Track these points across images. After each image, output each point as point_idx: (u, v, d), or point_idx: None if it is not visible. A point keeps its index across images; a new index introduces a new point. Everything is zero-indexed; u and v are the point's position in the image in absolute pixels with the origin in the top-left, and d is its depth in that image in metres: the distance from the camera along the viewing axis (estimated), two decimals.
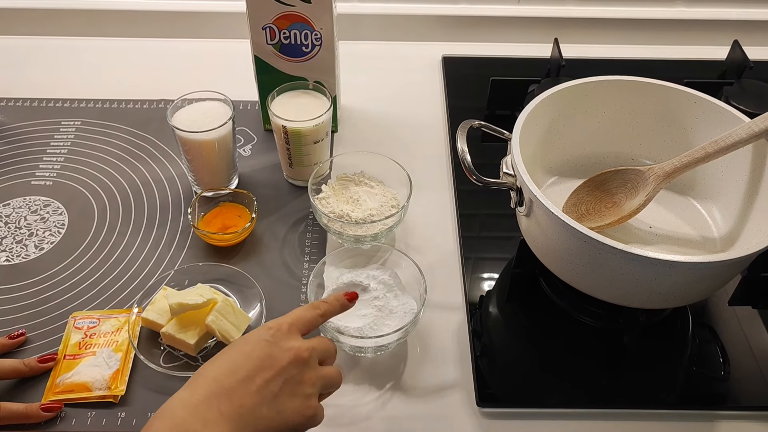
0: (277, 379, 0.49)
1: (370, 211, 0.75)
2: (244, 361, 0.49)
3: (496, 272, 0.77)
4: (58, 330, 0.70)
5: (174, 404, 0.46)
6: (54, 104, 0.95)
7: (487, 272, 0.77)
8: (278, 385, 0.49)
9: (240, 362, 0.49)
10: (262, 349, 0.50)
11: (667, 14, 1.07)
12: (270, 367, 0.49)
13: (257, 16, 0.80)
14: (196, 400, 0.46)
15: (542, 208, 0.61)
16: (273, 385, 0.48)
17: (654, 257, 0.56)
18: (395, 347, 0.68)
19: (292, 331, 0.52)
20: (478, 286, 0.75)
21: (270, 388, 0.48)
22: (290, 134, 0.79)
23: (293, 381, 0.50)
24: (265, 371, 0.49)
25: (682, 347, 0.70)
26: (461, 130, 0.68)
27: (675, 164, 0.69)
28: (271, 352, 0.50)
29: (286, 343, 0.51)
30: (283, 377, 0.49)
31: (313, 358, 0.52)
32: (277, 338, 0.51)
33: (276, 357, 0.50)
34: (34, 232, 0.79)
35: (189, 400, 0.46)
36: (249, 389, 0.48)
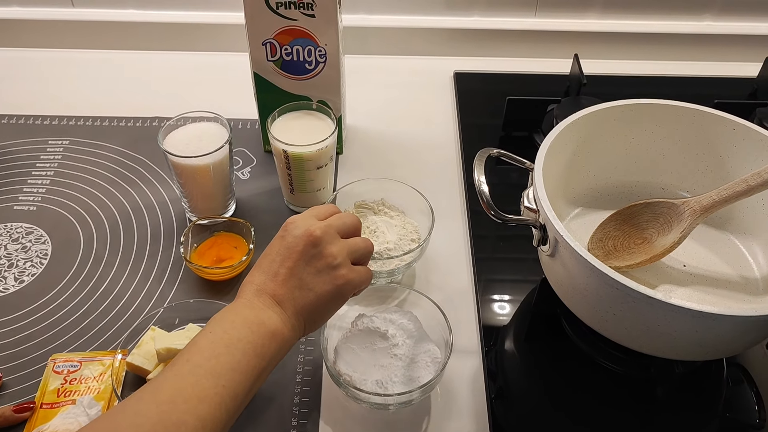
0: (298, 264, 0.53)
1: (387, 245, 0.70)
2: (269, 261, 0.54)
3: (513, 307, 0.71)
4: (36, 374, 0.64)
5: (236, 304, 0.52)
6: (41, 122, 0.90)
7: (504, 308, 0.71)
8: (301, 268, 0.53)
9: (266, 263, 0.54)
10: (279, 245, 0.55)
11: (694, 28, 1.02)
12: (288, 257, 0.54)
13: (257, 30, 0.74)
14: (248, 298, 0.52)
15: (569, 250, 0.55)
16: (296, 270, 0.53)
17: (698, 309, 0.50)
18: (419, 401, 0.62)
19: (304, 218, 0.56)
20: (495, 323, 0.69)
21: (295, 274, 0.53)
22: (292, 159, 0.73)
23: (314, 260, 0.54)
24: (286, 261, 0.54)
25: (716, 392, 0.65)
26: (479, 160, 0.62)
27: (713, 198, 0.63)
28: (287, 243, 0.54)
29: (299, 230, 0.55)
30: (303, 260, 0.54)
31: (329, 234, 0.55)
32: (289, 230, 0.55)
33: (291, 246, 0.54)
34: (14, 263, 0.73)
35: (243, 299, 0.52)
36: (278, 280, 0.53)
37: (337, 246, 0.55)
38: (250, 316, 0.51)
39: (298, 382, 0.64)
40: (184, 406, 0.44)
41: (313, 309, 0.54)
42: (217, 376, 0.47)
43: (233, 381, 0.47)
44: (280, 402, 0.62)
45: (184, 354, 0.48)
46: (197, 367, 0.47)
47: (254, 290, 0.53)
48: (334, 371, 0.60)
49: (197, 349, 0.48)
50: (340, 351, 0.63)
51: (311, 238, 0.54)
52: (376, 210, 0.75)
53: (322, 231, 0.54)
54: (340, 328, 0.65)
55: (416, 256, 0.70)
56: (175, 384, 0.46)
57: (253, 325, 0.50)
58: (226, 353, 0.48)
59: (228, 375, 0.47)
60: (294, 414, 0.61)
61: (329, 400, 0.63)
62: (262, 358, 0.49)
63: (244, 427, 0.60)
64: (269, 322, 0.51)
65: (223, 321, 0.50)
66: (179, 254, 0.74)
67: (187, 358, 0.48)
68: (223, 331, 0.49)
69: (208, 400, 0.45)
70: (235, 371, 0.48)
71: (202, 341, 0.49)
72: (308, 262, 0.54)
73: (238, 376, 0.48)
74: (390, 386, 0.59)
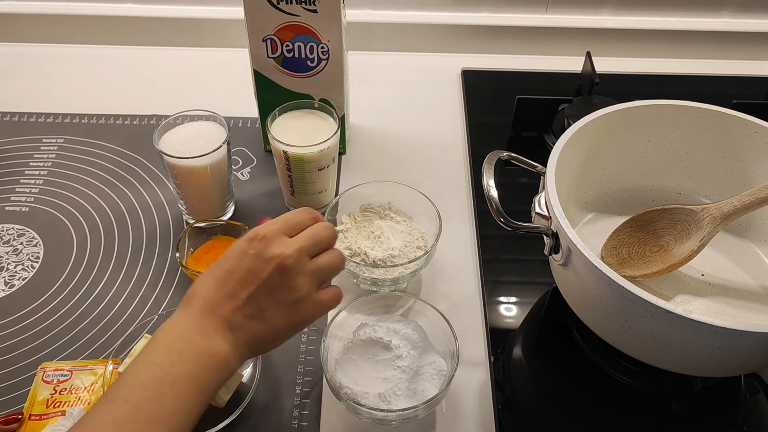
0: (260, 290, 0.48)
1: (392, 251, 0.67)
2: (227, 278, 0.49)
3: (522, 316, 0.68)
4: (25, 383, 0.62)
5: (174, 320, 0.47)
6: (35, 119, 0.87)
7: (513, 316, 0.68)
8: (262, 297, 0.48)
9: (224, 279, 0.49)
10: (243, 264, 0.49)
11: (711, 25, 0.99)
12: (251, 281, 0.48)
13: (257, 26, 0.72)
14: (192, 314, 0.47)
15: (583, 260, 0.52)
16: (257, 298, 0.48)
17: (721, 326, 0.47)
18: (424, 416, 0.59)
19: (276, 237, 0.50)
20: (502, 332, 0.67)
21: (254, 301, 0.48)
22: (292, 160, 0.70)
23: (278, 290, 0.49)
24: (247, 285, 0.48)
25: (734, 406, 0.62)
26: (488, 164, 0.59)
27: (735, 205, 0.60)
28: (252, 265, 0.49)
29: (268, 252, 0.49)
30: (266, 288, 0.48)
31: (300, 263, 0.50)
32: (259, 249, 0.49)
33: (255, 270, 0.48)
34: (5, 266, 0.71)
35: (186, 314, 0.48)
36: (235, 305, 0.48)
37: (305, 277, 0.50)
38: (201, 345, 0.46)
39: (297, 393, 0.61)
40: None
41: (265, 341, 0.50)
42: (159, 422, 0.42)
43: (176, 424, 0.43)
44: (279, 416, 0.60)
45: (122, 389, 0.43)
46: (137, 412, 0.42)
47: (206, 308, 0.47)
48: (335, 383, 0.57)
49: (139, 386, 0.43)
50: (341, 362, 0.60)
51: (280, 267, 0.49)
52: (382, 214, 0.72)
53: (293, 260, 0.49)
54: (341, 338, 0.62)
55: (422, 263, 0.67)
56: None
57: (203, 358, 0.45)
58: (170, 393, 0.43)
59: (169, 419, 0.43)
60: (293, 427, 0.59)
61: (329, 414, 0.60)
62: (206, 395, 0.45)
63: None
64: (220, 353, 0.46)
65: (171, 351, 0.45)
66: (175, 259, 0.71)
67: (125, 397, 0.42)
68: (171, 364, 0.44)
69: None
70: (178, 414, 0.43)
71: (143, 375, 0.44)
72: (271, 291, 0.49)
73: (179, 420, 0.43)
74: (393, 400, 0.57)
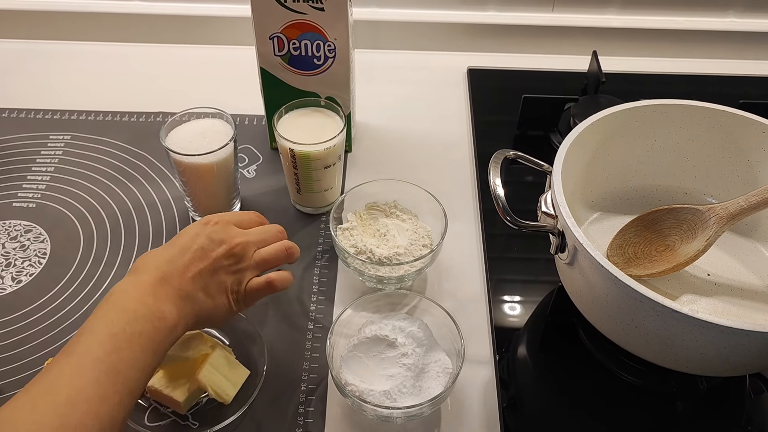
0: (208, 268, 0.54)
1: (398, 250, 0.67)
2: (182, 253, 0.54)
3: (527, 314, 0.68)
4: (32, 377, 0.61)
5: (124, 285, 0.51)
6: (42, 116, 0.88)
7: (518, 315, 0.68)
8: (209, 274, 0.54)
9: (178, 254, 0.54)
10: (196, 243, 0.55)
11: (718, 25, 0.99)
12: (202, 258, 0.54)
13: (264, 24, 0.72)
14: (144, 281, 0.51)
15: (589, 259, 0.52)
16: (205, 274, 0.54)
17: (727, 325, 0.47)
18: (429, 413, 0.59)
19: (227, 225, 0.57)
20: (507, 331, 0.66)
21: (203, 277, 0.54)
22: (298, 158, 0.70)
23: (223, 272, 0.55)
24: (198, 261, 0.54)
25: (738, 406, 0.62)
26: (494, 162, 0.59)
27: (741, 205, 0.60)
28: (204, 245, 0.55)
29: (218, 235, 0.56)
30: (213, 267, 0.54)
31: (248, 248, 0.57)
32: (211, 232, 0.56)
33: (207, 249, 0.55)
34: (12, 262, 0.71)
35: (137, 282, 0.51)
36: (185, 277, 0.53)
37: (248, 263, 0.57)
38: (154, 308, 0.50)
39: (303, 390, 0.61)
40: (84, 407, 0.43)
41: (206, 316, 0.54)
42: (117, 374, 0.46)
43: (131, 379, 0.46)
44: (284, 412, 0.60)
45: (80, 344, 0.46)
46: (98, 362, 0.45)
47: (159, 277, 0.52)
48: (340, 380, 0.58)
49: (97, 340, 0.46)
50: (347, 359, 0.60)
51: (230, 250, 0.55)
52: (387, 213, 0.72)
53: (240, 248, 0.56)
54: (347, 336, 0.62)
55: (427, 262, 0.67)
56: (74, 382, 0.44)
57: (155, 319, 0.49)
58: (127, 348, 0.47)
59: (127, 372, 0.46)
60: (298, 424, 0.59)
61: (334, 410, 0.61)
62: (157, 355, 0.49)
63: None
64: (169, 317, 0.51)
65: (125, 310, 0.49)
66: None
67: (85, 350, 0.46)
68: (126, 323, 0.48)
69: (108, 400, 0.44)
70: (134, 368, 0.47)
71: (101, 331, 0.47)
72: (217, 271, 0.55)
73: (136, 374, 0.47)
74: (398, 398, 0.57)
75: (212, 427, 0.58)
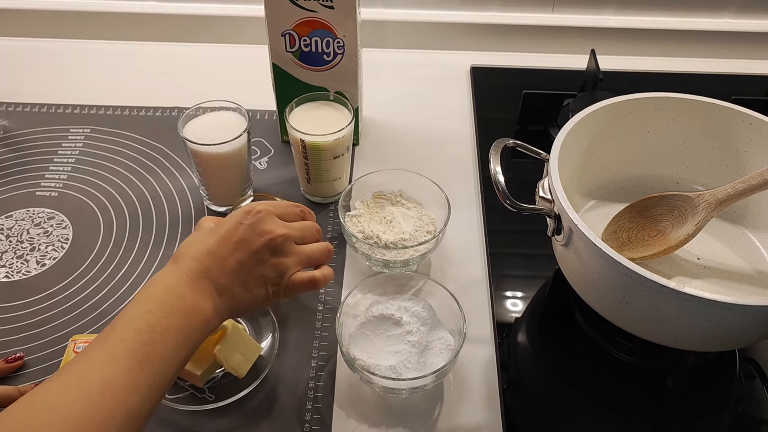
0: (249, 260, 0.54)
1: (403, 235, 0.70)
2: (222, 243, 0.53)
3: (526, 299, 0.71)
4: (57, 354, 0.65)
5: (164, 276, 0.51)
6: (63, 110, 0.91)
7: (517, 299, 0.71)
8: (249, 267, 0.54)
9: (219, 244, 0.53)
10: (237, 233, 0.54)
11: (711, 25, 1.01)
12: (242, 249, 0.53)
13: (276, 21, 0.75)
14: (184, 273, 0.51)
15: (584, 239, 0.55)
16: (245, 267, 0.53)
17: (710, 298, 0.50)
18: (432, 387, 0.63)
19: (269, 215, 0.56)
20: (507, 315, 0.70)
21: (243, 269, 0.53)
22: (309, 148, 0.74)
23: (263, 264, 0.54)
24: (237, 252, 0.53)
25: (729, 386, 0.65)
26: (494, 150, 0.63)
27: (728, 191, 0.63)
28: (245, 235, 0.54)
29: (261, 226, 0.55)
30: (254, 259, 0.54)
31: (288, 243, 0.56)
32: (253, 222, 0.55)
33: (248, 240, 0.54)
34: (36, 247, 0.74)
35: (177, 272, 0.51)
36: (225, 270, 0.53)
37: (289, 257, 0.56)
38: (190, 302, 0.50)
39: (313, 366, 0.65)
40: (114, 400, 0.43)
41: (243, 307, 0.55)
42: (149, 365, 0.46)
43: (162, 371, 0.46)
44: (296, 386, 0.63)
45: (116, 331, 0.46)
46: (131, 352, 0.45)
47: (198, 269, 0.52)
48: (349, 356, 0.61)
49: (133, 329, 0.46)
50: (355, 336, 0.63)
51: (271, 243, 0.55)
52: (393, 201, 0.75)
53: (282, 239, 0.55)
54: (355, 316, 0.65)
55: (431, 246, 0.70)
56: (107, 369, 0.44)
57: (191, 313, 0.50)
58: (161, 341, 0.47)
59: (159, 364, 0.46)
60: (309, 397, 0.62)
61: (343, 386, 0.64)
62: (189, 349, 0.50)
63: (260, 411, 0.61)
64: (205, 311, 0.51)
65: (163, 303, 0.49)
66: None
67: (121, 338, 0.46)
68: (162, 315, 0.48)
69: (137, 391, 0.44)
70: (166, 362, 0.47)
71: (138, 321, 0.47)
72: (257, 264, 0.54)
73: (167, 367, 0.47)
74: (403, 372, 0.60)
75: (227, 399, 0.61)
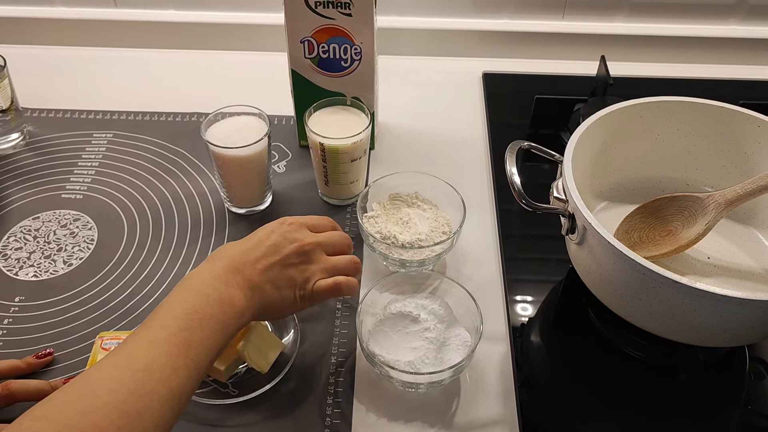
0: (279, 264, 0.58)
1: (419, 236, 0.72)
2: (255, 247, 0.58)
3: (540, 299, 0.73)
4: (85, 350, 0.67)
5: (200, 270, 0.56)
6: (86, 116, 0.94)
7: (531, 299, 0.73)
8: (279, 269, 0.58)
9: (252, 247, 0.58)
10: (270, 239, 0.59)
11: (719, 32, 1.03)
12: (273, 253, 0.58)
13: (296, 29, 0.77)
14: (218, 268, 0.56)
15: (597, 237, 0.57)
16: (275, 268, 0.58)
17: (722, 294, 0.52)
18: (449, 382, 0.64)
19: (301, 227, 0.62)
20: (521, 313, 0.71)
21: (272, 270, 0.58)
22: (327, 152, 0.76)
23: (292, 268, 0.59)
24: (270, 256, 0.58)
25: (738, 385, 0.66)
26: (510, 152, 0.64)
27: (738, 192, 0.65)
28: (277, 242, 0.59)
29: (292, 235, 0.60)
30: (283, 262, 0.58)
31: (316, 252, 0.61)
32: (285, 231, 0.60)
33: (280, 246, 0.59)
34: (63, 248, 0.77)
35: (212, 268, 0.56)
36: (256, 268, 0.57)
37: (316, 265, 0.60)
38: (225, 294, 0.54)
39: (333, 363, 0.66)
40: (158, 376, 0.46)
41: (272, 307, 0.58)
42: (188, 349, 0.49)
43: (200, 356, 0.50)
44: (317, 382, 0.65)
45: (157, 319, 0.50)
46: (172, 337, 0.49)
47: (232, 266, 0.56)
48: (369, 352, 0.63)
49: (173, 317, 0.50)
50: (374, 333, 0.65)
51: (301, 249, 0.60)
52: (409, 203, 0.77)
53: (311, 247, 0.60)
54: (373, 314, 0.67)
55: (447, 247, 0.72)
56: (150, 352, 0.48)
57: (225, 304, 0.53)
58: (198, 328, 0.50)
59: (197, 349, 0.50)
60: (329, 393, 0.64)
61: (362, 382, 0.65)
62: (225, 337, 0.53)
63: (282, 405, 0.63)
64: (238, 304, 0.54)
65: (199, 294, 0.53)
66: (218, 242, 0.77)
67: (162, 325, 0.50)
68: (199, 304, 0.52)
69: (179, 372, 0.48)
70: (203, 346, 0.50)
71: (177, 310, 0.51)
72: (286, 267, 0.58)
73: (205, 351, 0.50)
74: (421, 367, 0.61)
75: (250, 394, 0.62)
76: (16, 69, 0.87)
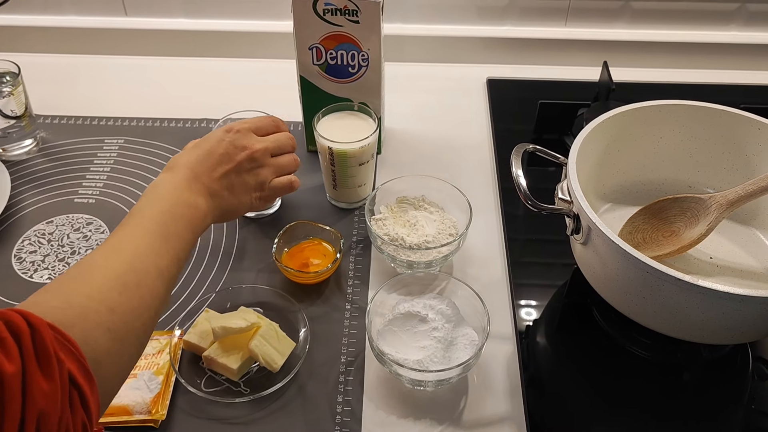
0: (233, 171, 0.64)
1: (426, 237, 0.73)
2: (209, 155, 0.63)
3: (545, 301, 0.74)
4: None
5: (162, 180, 0.60)
6: (98, 122, 0.96)
7: (536, 299, 0.74)
8: (234, 176, 0.64)
9: (205, 156, 0.63)
10: (220, 148, 0.64)
11: (720, 38, 1.04)
12: (227, 162, 0.64)
13: (304, 36, 0.79)
14: (180, 177, 0.60)
15: (601, 236, 0.58)
16: (230, 176, 0.64)
17: (723, 290, 0.53)
18: (456, 380, 0.65)
19: (247, 132, 0.67)
20: (527, 314, 0.72)
21: (228, 178, 0.64)
22: (336, 156, 0.77)
23: (246, 173, 0.65)
24: (224, 164, 0.63)
25: (741, 384, 0.67)
26: (516, 154, 0.66)
27: (739, 193, 0.66)
28: (228, 150, 0.64)
29: (240, 142, 0.65)
30: (237, 169, 0.64)
31: (266, 155, 0.67)
32: (233, 138, 0.65)
33: (231, 154, 0.64)
34: (77, 251, 0.78)
35: (174, 176, 0.60)
36: (213, 176, 0.62)
37: (266, 168, 0.67)
38: (190, 198, 0.59)
39: (342, 362, 0.68)
40: (146, 258, 0.52)
41: (230, 210, 0.65)
42: (167, 240, 0.54)
43: (177, 248, 0.55)
44: (327, 380, 0.66)
45: (133, 220, 0.55)
46: (150, 231, 0.54)
47: (191, 175, 0.61)
48: (378, 351, 0.64)
49: (148, 217, 0.55)
50: (383, 333, 0.66)
51: (251, 155, 0.65)
52: (416, 205, 0.79)
53: (260, 153, 0.66)
54: (382, 314, 0.68)
55: (453, 248, 0.73)
56: (133, 242, 0.53)
57: (191, 207, 0.59)
58: (173, 224, 0.56)
59: (174, 241, 0.55)
60: (339, 391, 0.65)
61: (372, 380, 0.67)
62: (194, 235, 0.59)
63: (293, 403, 0.64)
64: (201, 207, 0.60)
65: (166, 199, 0.58)
66: (229, 245, 0.79)
67: (138, 223, 0.55)
68: (169, 205, 0.57)
69: (162, 255, 0.53)
70: (179, 239, 0.56)
71: (150, 210, 0.56)
72: (240, 174, 0.65)
73: (180, 243, 0.56)
74: (430, 366, 0.63)
75: (261, 392, 0.64)
76: (30, 76, 0.88)
